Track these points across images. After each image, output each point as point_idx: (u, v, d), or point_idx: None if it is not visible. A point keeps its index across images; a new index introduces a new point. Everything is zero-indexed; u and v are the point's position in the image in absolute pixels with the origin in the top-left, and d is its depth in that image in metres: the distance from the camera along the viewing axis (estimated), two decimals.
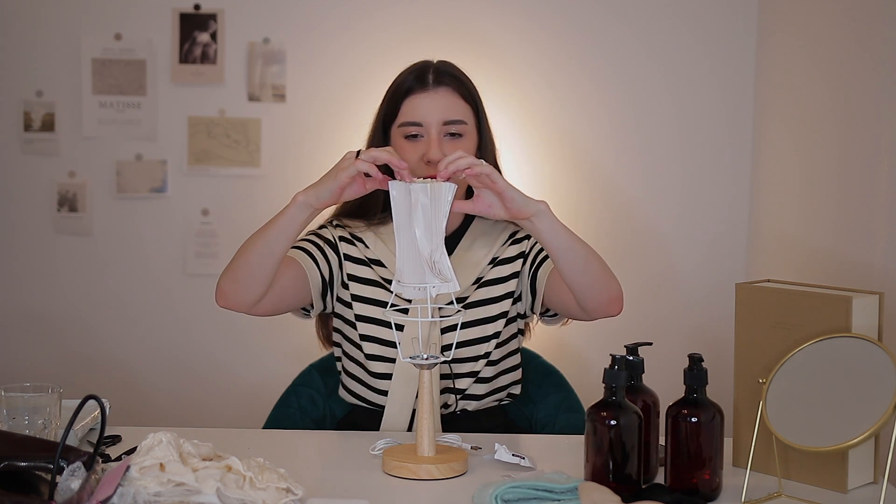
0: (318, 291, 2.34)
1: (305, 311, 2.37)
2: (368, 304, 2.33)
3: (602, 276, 2.15)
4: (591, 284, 2.14)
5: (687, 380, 1.81)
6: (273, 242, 2.13)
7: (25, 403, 1.87)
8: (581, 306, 2.19)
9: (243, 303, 2.21)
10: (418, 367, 1.95)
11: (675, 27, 3.71)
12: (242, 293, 2.19)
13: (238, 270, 2.18)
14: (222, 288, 2.21)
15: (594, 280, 2.14)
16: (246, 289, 2.18)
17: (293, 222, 2.10)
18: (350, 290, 2.35)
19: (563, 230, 2.09)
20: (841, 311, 1.82)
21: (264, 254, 2.14)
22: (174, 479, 1.57)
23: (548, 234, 2.08)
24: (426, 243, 1.98)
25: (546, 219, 2.07)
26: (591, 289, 2.14)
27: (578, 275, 2.12)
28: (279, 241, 2.12)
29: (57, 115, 3.74)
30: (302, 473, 1.78)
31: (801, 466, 1.87)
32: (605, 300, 2.16)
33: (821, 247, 2.99)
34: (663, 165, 3.74)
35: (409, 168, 2.02)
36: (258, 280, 2.17)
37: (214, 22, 3.72)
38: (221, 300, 2.22)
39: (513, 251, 2.38)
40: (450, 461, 1.90)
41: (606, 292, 2.16)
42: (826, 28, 3.04)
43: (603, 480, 1.75)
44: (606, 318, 2.20)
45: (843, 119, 2.88)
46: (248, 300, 2.20)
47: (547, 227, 2.07)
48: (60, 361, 3.78)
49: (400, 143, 2.32)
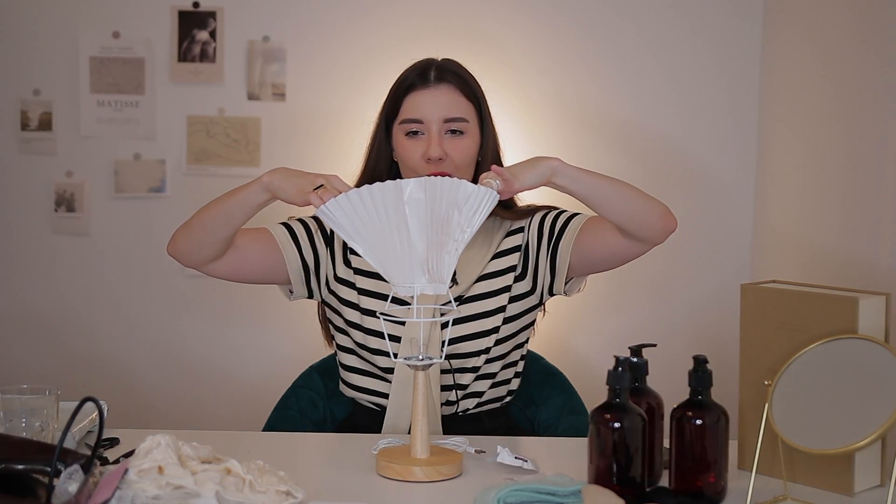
0: (299, 276, 2.37)
1: (290, 291, 2.42)
2: (373, 298, 2.33)
3: (644, 200, 2.17)
4: (636, 211, 2.16)
5: (691, 381, 1.81)
6: (230, 214, 2.19)
7: (23, 405, 1.87)
8: (639, 238, 2.20)
9: (193, 260, 2.30)
10: (412, 367, 1.95)
11: (679, 26, 3.71)
12: (194, 251, 2.28)
13: (193, 229, 2.26)
14: (176, 240, 2.30)
15: (638, 207, 2.16)
16: (198, 248, 2.26)
17: (252, 202, 2.15)
18: (358, 285, 2.35)
19: (585, 176, 2.11)
20: (847, 312, 1.82)
21: (219, 221, 2.21)
22: (173, 482, 1.57)
23: (574, 187, 2.10)
24: (420, 241, 1.96)
25: (564, 175, 2.09)
26: (639, 215, 2.16)
27: (622, 209, 2.14)
28: (236, 214, 2.19)
29: (54, 115, 3.74)
30: (302, 476, 1.78)
31: (807, 469, 1.87)
32: (657, 219, 2.18)
33: (827, 247, 2.98)
34: (668, 165, 3.74)
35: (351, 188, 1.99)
36: (210, 243, 2.25)
37: (213, 20, 3.72)
38: (171, 249, 2.32)
39: (509, 243, 2.38)
40: (440, 464, 1.90)
41: (655, 212, 2.17)
42: (832, 27, 3.04)
43: (606, 483, 1.75)
44: (667, 237, 2.21)
45: (849, 118, 2.88)
46: (198, 259, 2.29)
47: (570, 181, 2.10)
48: (58, 363, 3.78)
49: (401, 140, 2.32)
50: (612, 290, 3.70)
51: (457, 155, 2.29)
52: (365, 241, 1.96)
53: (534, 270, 2.36)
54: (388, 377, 2.33)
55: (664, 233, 2.20)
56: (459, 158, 2.29)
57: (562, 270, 2.33)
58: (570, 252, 2.30)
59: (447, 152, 2.27)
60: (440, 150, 2.26)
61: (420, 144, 2.29)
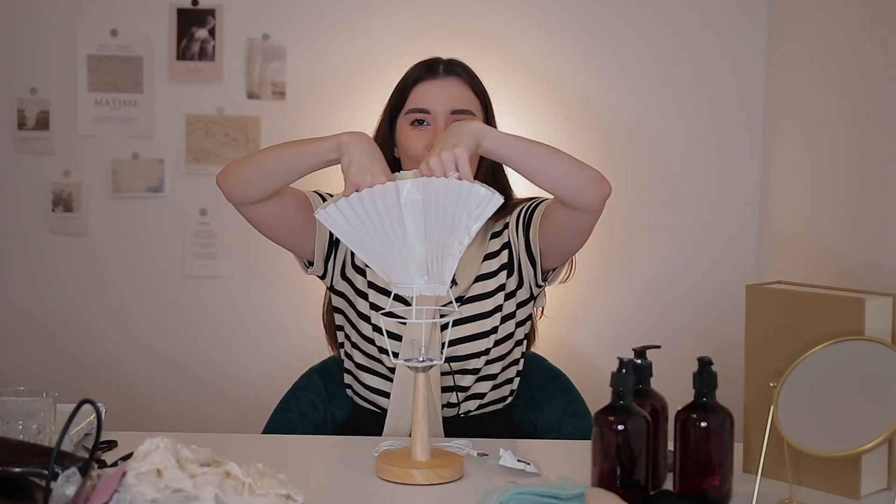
0: (323, 249, 2.36)
1: (308, 264, 2.40)
2: (379, 293, 2.33)
3: (576, 166, 2.15)
4: (566, 175, 2.13)
5: (696, 383, 1.81)
6: (295, 163, 2.16)
7: (19, 408, 1.87)
8: (574, 205, 2.17)
9: (237, 196, 2.25)
10: (412, 369, 1.95)
11: (684, 24, 3.71)
12: (242, 188, 2.23)
13: (250, 166, 2.22)
14: (227, 173, 2.25)
15: (568, 171, 2.14)
16: (248, 187, 2.22)
17: (323, 157, 2.12)
18: (367, 278, 2.35)
19: (511, 139, 2.11)
20: (854, 314, 1.82)
21: (282, 167, 2.17)
22: (171, 486, 1.57)
23: (500, 150, 2.09)
24: (418, 243, 1.96)
25: (490, 137, 2.08)
26: (570, 180, 2.14)
27: (551, 173, 2.13)
28: (300, 165, 2.16)
29: (51, 113, 3.74)
30: (302, 479, 1.78)
31: (812, 472, 1.87)
32: (589, 183, 2.15)
33: (833, 247, 2.98)
34: (672, 164, 3.74)
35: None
36: (263, 186, 2.21)
37: (213, 18, 3.72)
38: (220, 179, 2.26)
39: (496, 244, 2.39)
40: (440, 467, 1.90)
41: (587, 176, 2.15)
42: (838, 24, 3.04)
43: (610, 487, 1.75)
44: (604, 202, 2.18)
45: (856, 117, 2.88)
46: (243, 197, 2.24)
47: (496, 144, 2.08)
48: (55, 365, 3.78)
49: (405, 130, 2.32)
50: (615, 290, 3.70)
51: None
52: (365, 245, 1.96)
53: (518, 264, 2.37)
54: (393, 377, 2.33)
55: (600, 198, 2.17)
56: None
57: (536, 258, 2.33)
58: (538, 234, 2.31)
59: None
60: None
61: (425, 135, 2.30)
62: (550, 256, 2.34)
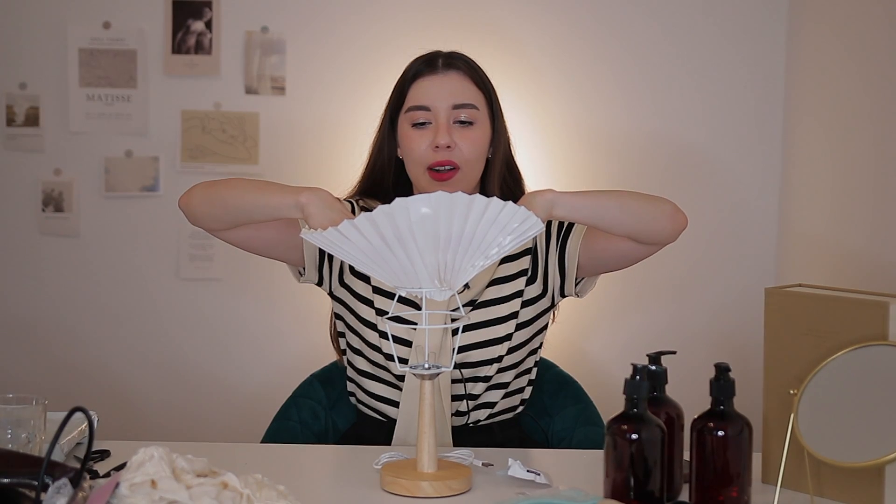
0: (313, 259, 2.36)
1: (301, 272, 2.41)
2: (386, 298, 2.33)
3: (650, 207, 2.20)
4: (643, 221, 2.19)
5: (713, 391, 1.81)
6: (254, 212, 2.18)
7: (8, 416, 1.88)
8: (650, 242, 2.24)
9: (202, 225, 2.29)
10: (418, 377, 1.95)
11: (700, 18, 3.71)
12: (204, 219, 2.27)
13: (212, 199, 2.24)
14: (192, 198, 2.28)
15: (645, 216, 2.19)
16: (210, 219, 2.26)
17: (280, 214, 2.13)
18: (371, 283, 2.35)
19: (583, 200, 2.13)
20: (877, 318, 1.82)
21: (241, 211, 2.20)
22: (166, 497, 1.57)
23: (575, 215, 2.13)
24: (430, 254, 1.89)
25: (562, 205, 2.10)
26: (647, 224, 2.19)
27: (629, 223, 2.18)
28: (259, 215, 2.18)
29: (42, 109, 3.75)
30: (303, 491, 1.78)
31: (834, 483, 1.87)
32: (666, 222, 2.21)
33: (855, 249, 2.98)
34: (689, 163, 3.74)
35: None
36: (224, 221, 2.24)
37: (209, 9, 3.72)
38: (183, 204, 2.29)
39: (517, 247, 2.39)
40: (449, 478, 1.90)
41: (664, 215, 2.21)
42: (862, 17, 3.04)
43: (623, 498, 1.75)
44: (678, 235, 2.24)
45: (879, 114, 2.87)
46: (208, 227, 2.28)
47: (568, 210, 2.11)
48: (45, 371, 3.79)
49: (406, 131, 2.32)
50: (629, 294, 3.70)
51: (466, 146, 2.29)
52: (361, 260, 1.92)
53: (543, 272, 2.37)
54: (402, 385, 2.33)
55: (675, 233, 2.23)
56: (468, 150, 2.29)
57: (571, 271, 2.34)
58: (577, 252, 2.32)
59: (456, 142, 2.28)
60: (448, 138, 2.26)
61: (427, 135, 2.30)
62: (589, 271, 2.37)
